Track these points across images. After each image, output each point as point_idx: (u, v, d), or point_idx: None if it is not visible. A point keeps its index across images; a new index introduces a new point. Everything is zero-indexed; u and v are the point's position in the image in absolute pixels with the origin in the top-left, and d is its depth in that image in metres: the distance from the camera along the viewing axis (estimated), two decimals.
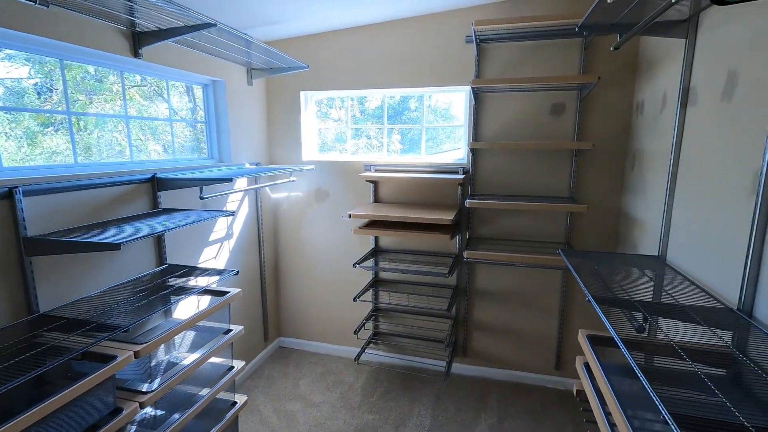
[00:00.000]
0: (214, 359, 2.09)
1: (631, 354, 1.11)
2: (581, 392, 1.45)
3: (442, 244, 2.97)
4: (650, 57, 2.25)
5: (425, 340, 3.12)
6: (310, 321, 3.45)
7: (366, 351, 3.17)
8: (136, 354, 1.49)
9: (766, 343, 1.16)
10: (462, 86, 2.76)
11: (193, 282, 2.13)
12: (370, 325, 3.22)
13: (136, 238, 1.48)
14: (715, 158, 1.55)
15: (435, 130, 3.04)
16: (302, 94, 3.11)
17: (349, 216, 2.63)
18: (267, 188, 3.24)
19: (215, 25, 1.87)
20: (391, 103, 3.11)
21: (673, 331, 1.27)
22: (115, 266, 1.96)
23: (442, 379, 3.01)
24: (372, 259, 3.08)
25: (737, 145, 1.40)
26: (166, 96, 2.48)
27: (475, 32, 2.43)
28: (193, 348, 1.99)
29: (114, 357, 1.43)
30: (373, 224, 2.79)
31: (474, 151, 2.77)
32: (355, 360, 3.04)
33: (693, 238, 1.69)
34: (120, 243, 1.41)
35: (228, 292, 2.09)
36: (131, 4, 1.68)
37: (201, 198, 2.07)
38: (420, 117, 3.06)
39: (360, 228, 2.70)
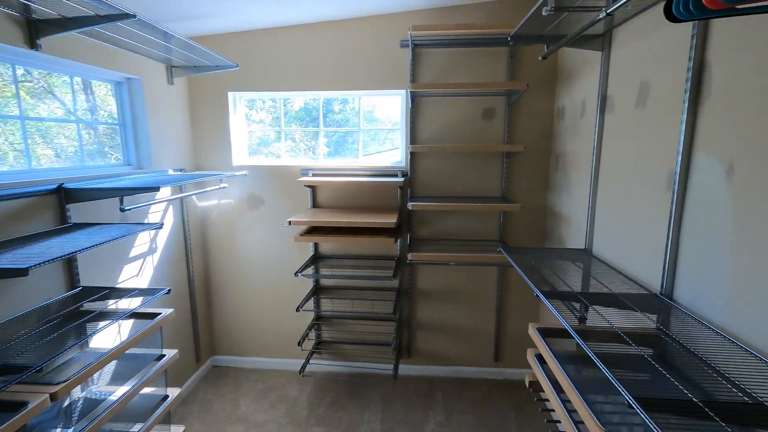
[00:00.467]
0: (146, 389, 1.87)
1: (579, 342, 1.19)
2: (534, 383, 1.53)
3: (385, 248, 2.98)
4: (569, 67, 2.46)
5: (371, 344, 3.10)
6: (247, 336, 3.25)
7: (310, 361, 3.06)
8: (53, 396, 1.27)
9: (685, 322, 1.32)
10: (397, 90, 2.79)
11: (114, 305, 1.88)
12: (313, 334, 3.11)
13: (50, 260, 1.26)
14: (633, 159, 1.73)
15: (361, 133, 3.02)
16: (230, 94, 2.92)
17: (289, 223, 2.52)
18: (194, 196, 2.99)
19: (134, 16, 1.67)
20: (315, 105, 3.04)
21: (612, 317, 1.39)
22: (15, 293, 1.66)
23: (391, 382, 3.02)
24: (312, 267, 2.99)
25: (653, 147, 1.58)
26: (65, 93, 2.16)
27: (411, 37, 2.46)
28: (121, 379, 1.75)
29: (24, 403, 1.20)
30: (314, 230, 2.71)
31: (412, 154, 2.81)
32: (299, 372, 2.92)
33: (616, 232, 1.87)
34: (27, 267, 1.19)
35: (159, 314, 1.88)
36: None
37: (122, 210, 1.83)
38: (345, 119, 3.04)
39: (301, 235, 2.60)
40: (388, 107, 2.99)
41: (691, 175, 1.36)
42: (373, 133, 3.04)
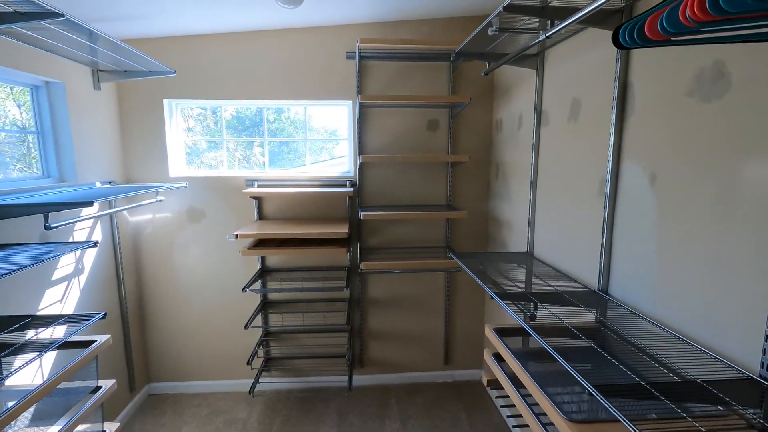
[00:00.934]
0: (80, 427, 1.67)
1: (532, 338, 1.28)
2: (493, 381, 1.61)
3: (335, 258, 2.96)
4: (505, 82, 2.64)
5: (324, 357, 3.04)
6: (187, 359, 3.03)
7: (260, 380, 2.93)
8: None
9: (620, 314, 1.47)
10: (344, 100, 2.80)
11: (36, 336, 1.67)
12: (261, 351, 2.99)
13: None
14: (568, 168, 1.90)
15: (308, 142, 3.00)
16: (166, 102, 2.75)
17: (236, 237, 2.42)
18: (125, 212, 2.76)
19: (62, 16, 1.52)
20: (248, 114, 2.97)
21: (559, 313, 1.51)
22: None
23: (345, 394, 2.98)
24: (260, 281, 2.88)
25: (586, 157, 1.75)
26: None
27: (359, 49, 2.50)
28: (50, 419, 1.55)
29: None
30: (263, 243, 2.62)
31: (361, 164, 2.84)
32: (249, 393, 2.79)
33: (555, 235, 2.03)
34: None
35: (94, 341, 1.70)
36: None
37: (47, 228, 1.64)
38: (280, 129, 3.01)
39: (249, 248, 2.50)
40: (327, 117, 2.99)
41: (620, 182, 1.53)
42: (311, 142, 3.02)
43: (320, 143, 3.05)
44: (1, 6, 1.48)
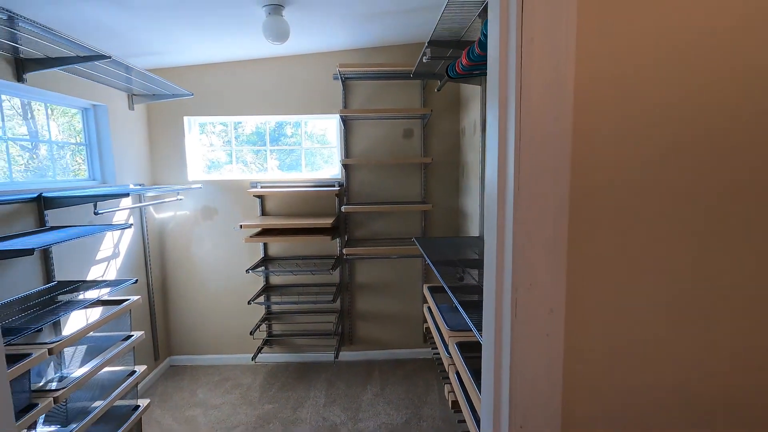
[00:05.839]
0: (115, 367, 2.20)
1: (453, 293, 1.74)
2: (428, 329, 2.06)
3: (326, 247, 3.45)
4: (466, 96, 3.12)
5: (316, 335, 3.52)
6: (202, 335, 3.57)
7: (262, 353, 3.43)
8: (51, 351, 1.63)
9: None
10: (332, 114, 3.33)
11: (88, 294, 2.22)
12: (264, 328, 3.50)
13: (50, 244, 1.64)
14: None
15: (312, 153, 3.54)
16: (186, 118, 3.34)
17: (241, 227, 2.95)
18: (151, 208, 3.34)
19: (109, 57, 2.10)
20: (265, 128, 3.53)
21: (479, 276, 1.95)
22: None
23: (333, 362, 3.44)
24: (262, 267, 3.40)
25: None
26: (30, 117, 2.51)
27: (340, 72, 3.03)
28: (95, 355, 2.08)
29: (29, 354, 1.56)
30: (264, 233, 3.14)
31: (346, 167, 3.35)
32: (252, 359, 3.29)
33: None
34: (34, 248, 1.57)
35: (127, 300, 2.23)
36: (14, 31, 1.84)
37: (96, 214, 2.20)
38: (296, 142, 3.55)
39: (251, 237, 3.03)
40: (332, 127, 3.52)
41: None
42: (321, 151, 3.55)
43: (322, 151, 3.57)
44: (67, 52, 2.07)
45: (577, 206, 0.65)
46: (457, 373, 1.45)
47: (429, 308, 2.00)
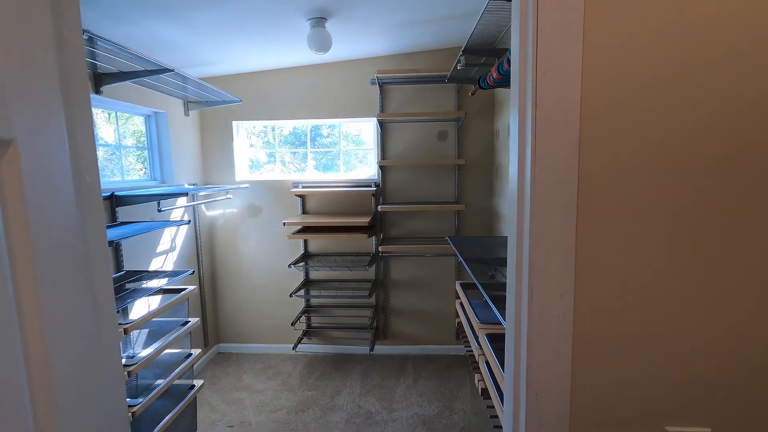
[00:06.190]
0: (174, 349, 2.44)
1: (484, 289, 1.83)
2: (460, 324, 2.16)
3: (362, 245, 3.61)
4: (500, 99, 3.18)
5: (352, 329, 3.69)
6: (246, 325, 3.82)
7: (301, 344, 3.64)
8: (125, 330, 1.87)
9: None
10: (370, 117, 3.48)
11: (150, 283, 2.48)
12: (303, 319, 3.70)
13: (125, 237, 1.88)
14: None
15: (347, 153, 3.71)
16: (234, 123, 3.60)
17: (284, 224, 3.16)
18: (203, 206, 3.62)
19: (173, 71, 2.35)
20: (303, 130, 3.73)
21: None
22: None
23: (368, 355, 3.60)
24: (303, 263, 3.60)
25: None
26: (108, 123, 2.81)
27: (377, 77, 3.18)
28: (156, 337, 2.33)
29: None
30: (304, 230, 3.34)
31: (383, 168, 3.49)
32: (293, 349, 3.50)
33: None
34: (112, 241, 1.80)
35: (185, 289, 2.48)
36: (93, 49, 2.10)
37: (159, 211, 2.46)
38: (332, 142, 3.73)
39: (293, 234, 3.23)
40: (368, 129, 3.68)
41: None
42: (358, 151, 3.72)
43: (358, 152, 3.74)
44: (137, 66, 2.33)
45: (584, 203, 0.75)
46: (487, 363, 1.55)
47: (461, 304, 2.10)
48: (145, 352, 2.15)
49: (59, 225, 0.72)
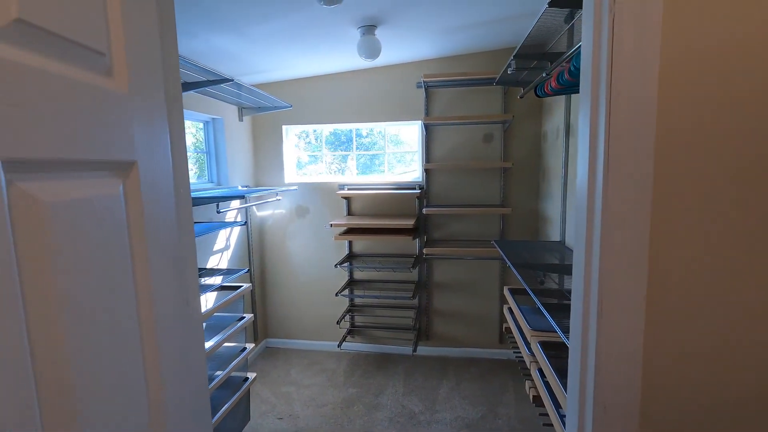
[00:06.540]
0: (230, 343, 2.59)
1: (536, 296, 1.83)
2: (508, 328, 2.15)
3: (406, 246, 3.66)
4: (548, 101, 3.12)
5: (395, 329, 3.74)
6: (293, 322, 3.96)
7: (345, 342, 3.73)
8: None
9: None
10: (415, 121, 3.52)
11: (210, 280, 2.64)
12: (347, 318, 3.80)
13: (198, 236, 2.02)
14: None
15: (386, 155, 3.76)
16: (284, 127, 3.74)
17: (331, 225, 3.25)
18: (254, 207, 3.79)
19: (232, 80, 2.48)
20: (343, 131, 3.82)
21: (565, 281, 2.01)
22: None
23: (410, 354, 3.64)
24: (348, 263, 3.69)
25: None
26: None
27: (424, 81, 3.20)
28: (214, 331, 2.48)
29: None
30: (350, 232, 3.43)
31: (427, 171, 3.51)
32: (338, 346, 3.60)
33: None
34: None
35: (241, 287, 2.62)
36: None
37: (218, 212, 2.61)
38: (371, 142, 3.79)
39: (339, 235, 3.32)
40: (411, 131, 3.72)
41: None
42: (398, 154, 3.78)
43: (400, 154, 3.80)
44: (200, 77, 2.48)
45: (659, 214, 0.75)
46: (539, 370, 1.55)
47: (509, 309, 2.10)
48: (208, 345, 2.30)
49: (164, 228, 0.81)
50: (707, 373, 0.75)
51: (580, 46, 1.24)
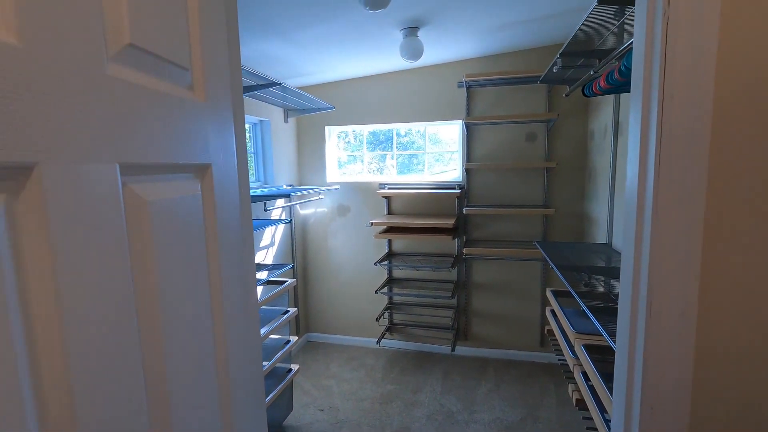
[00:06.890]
0: (275, 335, 2.72)
1: (581, 299, 1.80)
2: (550, 331, 2.12)
3: (445, 246, 3.66)
4: (595, 99, 3.03)
5: (433, 328, 3.76)
6: (334, 317, 4.07)
7: (384, 339, 3.79)
8: None
9: None
10: (456, 120, 3.52)
11: (258, 275, 2.77)
12: (386, 316, 3.86)
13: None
14: None
15: (426, 154, 3.77)
16: (327, 128, 3.85)
17: (371, 224, 3.32)
18: (298, 205, 3.93)
19: (280, 84, 2.60)
20: (383, 131, 3.86)
21: (611, 284, 1.96)
22: None
23: (449, 353, 3.65)
24: (387, 261, 3.75)
25: None
26: None
27: (465, 81, 3.20)
28: (262, 324, 2.61)
29: None
30: (390, 231, 3.48)
31: (467, 171, 3.50)
32: (376, 342, 3.66)
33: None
34: None
35: (286, 282, 2.74)
36: None
37: (265, 210, 2.74)
38: (409, 141, 3.82)
39: (380, 233, 3.38)
40: (450, 131, 3.73)
41: None
42: (437, 154, 3.79)
43: (439, 153, 3.81)
44: (251, 82, 2.62)
45: (712, 216, 0.74)
46: (583, 373, 1.53)
47: (552, 311, 2.07)
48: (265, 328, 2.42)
49: (231, 225, 0.89)
50: (761, 374, 0.73)
51: (630, 44, 1.22)
